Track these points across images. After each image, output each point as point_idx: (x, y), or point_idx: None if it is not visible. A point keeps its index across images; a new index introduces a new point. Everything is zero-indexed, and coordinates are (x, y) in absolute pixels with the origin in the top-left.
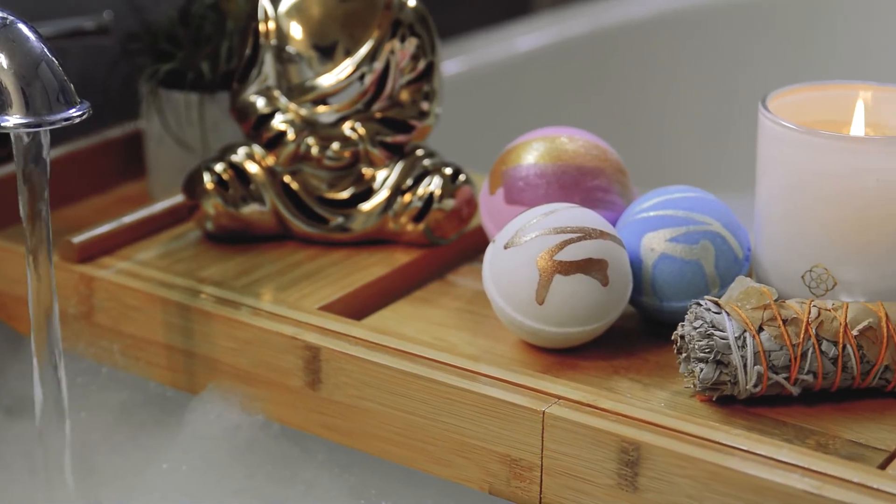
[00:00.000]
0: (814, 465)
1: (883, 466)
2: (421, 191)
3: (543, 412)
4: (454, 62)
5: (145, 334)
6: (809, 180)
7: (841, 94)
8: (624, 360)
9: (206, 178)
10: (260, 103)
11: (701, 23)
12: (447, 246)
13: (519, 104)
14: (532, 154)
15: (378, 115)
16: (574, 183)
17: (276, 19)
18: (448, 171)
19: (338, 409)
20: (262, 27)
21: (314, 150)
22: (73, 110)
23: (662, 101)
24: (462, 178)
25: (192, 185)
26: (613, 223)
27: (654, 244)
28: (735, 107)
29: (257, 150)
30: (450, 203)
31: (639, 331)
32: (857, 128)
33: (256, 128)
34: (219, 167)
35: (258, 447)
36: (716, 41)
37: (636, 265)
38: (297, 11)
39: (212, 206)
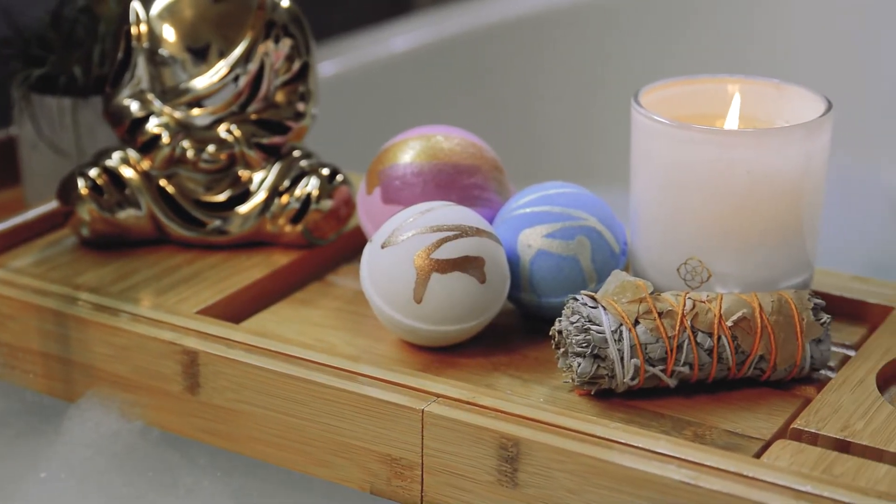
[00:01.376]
0: (690, 455)
1: (758, 455)
2: (298, 192)
3: (423, 411)
4: (330, 63)
5: (21, 343)
6: (682, 174)
7: (711, 87)
8: (503, 357)
9: (81, 183)
10: (134, 107)
11: (575, 20)
12: (326, 247)
13: (395, 104)
14: (408, 153)
15: (254, 116)
16: (450, 181)
17: (149, 22)
18: (325, 171)
19: (218, 413)
20: (133, 30)
21: (189, 153)
22: None
23: (538, 98)
24: (339, 178)
25: (67, 191)
26: (490, 220)
27: (531, 240)
28: (609, 102)
29: (132, 154)
30: (327, 204)
31: (517, 327)
32: (731, 121)
33: (131, 132)
34: (93, 172)
35: (138, 453)
36: (588, 38)
37: (513, 262)
38: (169, 13)
39: (87, 211)
